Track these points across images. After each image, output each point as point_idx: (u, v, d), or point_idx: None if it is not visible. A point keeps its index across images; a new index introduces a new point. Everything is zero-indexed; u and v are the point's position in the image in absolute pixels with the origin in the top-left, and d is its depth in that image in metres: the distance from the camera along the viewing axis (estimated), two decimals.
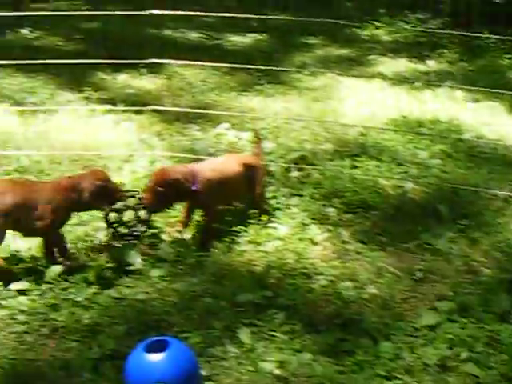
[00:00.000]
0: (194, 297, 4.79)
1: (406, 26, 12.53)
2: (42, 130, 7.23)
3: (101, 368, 4.17)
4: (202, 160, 5.89)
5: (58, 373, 4.16)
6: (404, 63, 10.57)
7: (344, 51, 11.12)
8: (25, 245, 5.26)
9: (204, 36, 11.60)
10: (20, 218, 4.88)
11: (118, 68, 9.09)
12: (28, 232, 5.06)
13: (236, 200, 5.81)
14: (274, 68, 8.64)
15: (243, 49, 10.97)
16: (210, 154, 6.62)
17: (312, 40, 11.67)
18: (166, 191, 5.24)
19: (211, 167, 5.52)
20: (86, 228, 5.56)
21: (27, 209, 4.88)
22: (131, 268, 5.08)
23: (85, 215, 5.56)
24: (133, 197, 5.39)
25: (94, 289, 4.85)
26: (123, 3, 12.45)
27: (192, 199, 5.42)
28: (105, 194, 5.11)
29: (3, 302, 4.75)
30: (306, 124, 7.58)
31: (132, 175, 6.29)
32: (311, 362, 4.24)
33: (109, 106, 7.75)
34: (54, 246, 5.14)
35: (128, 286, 4.92)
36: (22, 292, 4.83)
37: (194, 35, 11.61)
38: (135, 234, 5.42)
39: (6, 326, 4.57)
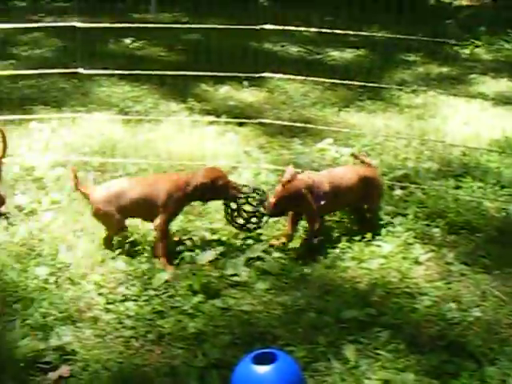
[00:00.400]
0: (298, 311, 4.82)
1: (508, 46, 12.35)
2: (147, 139, 7.37)
3: (207, 377, 4.23)
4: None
5: (164, 379, 4.24)
6: (505, 83, 10.39)
7: (444, 69, 10.99)
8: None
9: (304, 50, 11.64)
10: (140, 210, 5.42)
11: (220, 80, 9.19)
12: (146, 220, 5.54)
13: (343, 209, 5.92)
14: (374, 85, 8.61)
15: (343, 64, 10.95)
16: (314, 169, 6.63)
17: (411, 57, 11.58)
18: (292, 201, 5.36)
19: (330, 179, 5.57)
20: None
21: (147, 202, 5.36)
22: (237, 279, 5.14)
23: None
24: (256, 193, 5.57)
25: (199, 297, 4.92)
26: (223, 16, 12.65)
27: (305, 210, 5.48)
28: (217, 190, 5.41)
29: (111, 307, 4.86)
30: (408, 142, 7.53)
31: None
32: (415, 383, 4.21)
33: (212, 118, 7.84)
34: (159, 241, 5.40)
35: (233, 297, 4.97)
36: (129, 297, 4.94)
37: (294, 49, 11.66)
38: (249, 226, 5.59)
39: (113, 330, 4.67)
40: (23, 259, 5.40)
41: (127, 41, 11.93)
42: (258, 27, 6.22)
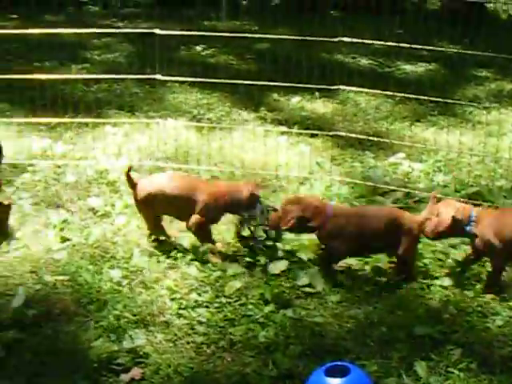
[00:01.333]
0: (370, 324, 4.81)
1: None
2: (219, 146, 7.42)
3: None
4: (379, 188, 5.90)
5: None
6: None
7: None
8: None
9: (375, 63, 11.60)
10: (180, 209, 5.60)
11: (291, 90, 9.21)
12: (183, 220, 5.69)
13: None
14: (447, 100, 8.54)
15: (414, 78, 10.89)
16: (386, 183, 6.62)
17: (483, 73, 11.47)
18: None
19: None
20: None
21: (186, 202, 5.52)
22: (309, 290, 5.15)
23: None
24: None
25: (270, 307, 4.94)
26: (290, 26, 12.69)
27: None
28: (249, 205, 5.58)
29: (183, 312, 4.91)
30: (481, 159, 7.45)
31: None
32: None
33: (284, 128, 7.87)
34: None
35: (305, 308, 4.98)
36: (201, 304, 4.98)
37: (365, 61, 11.62)
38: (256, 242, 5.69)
39: (185, 335, 4.72)
40: (97, 261, 5.50)
41: (198, 48, 12.02)
42: (336, 39, 6.21)
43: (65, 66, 10.60)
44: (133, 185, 5.68)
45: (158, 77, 6.70)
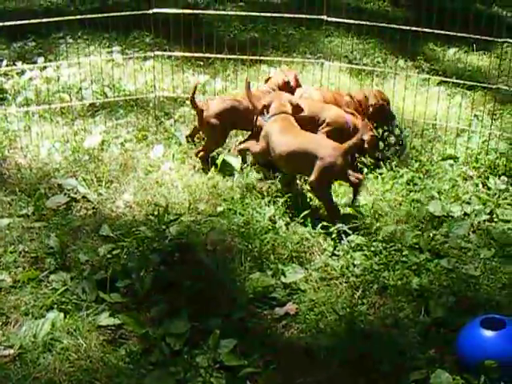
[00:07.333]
0: None
1: None
2: None
3: (430, 334, 4.31)
4: None
5: (390, 330, 4.35)
6: None
7: None
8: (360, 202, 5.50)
9: None
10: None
11: (448, 41, 9.04)
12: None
13: None
14: None
15: None
16: None
17: None
18: None
19: None
20: None
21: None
22: (462, 244, 5.15)
23: None
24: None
25: (426, 255, 4.97)
26: None
27: None
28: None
29: (339, 253, 4.99)
30: None
31: (465, 150, 6.33)
32: None
33: (441, 78, 7.77)
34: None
35: (458, 259, 4.99)
36: (355, 248, 5.04)
37: None
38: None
39: (340, 276, 4.80)
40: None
41: None
42: None
43: (220, 5, 10.70)
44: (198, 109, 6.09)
45: (325, 18, 6.68)
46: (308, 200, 5.61)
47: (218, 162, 6.03)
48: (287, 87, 6.27)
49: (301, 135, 5.50)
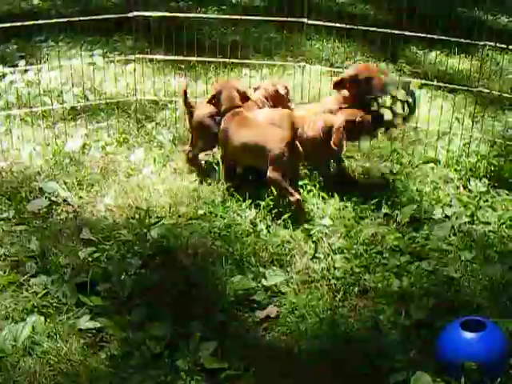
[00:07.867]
0: (505, 284, 4.79)
1: None
2: None
3: (411, 336, 4.32)
4: None
5: (370, 331, 4.37)
6: None
7: None
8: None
9: None
10: None
11: (428, 44, 9.05)
12: None
13: None
14: None
15: None
16: None
17: None
18: None
19: None
20: None
21: None
22: (443, 246, 5.17)
23: None
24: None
25: (406, 257, 4.99)
26: None
27: None
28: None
29: (319, 256, 5.00)
30: None
31: (446, 153, 6.36)
32: None
33: (423, 81, 7.77)
34: None
35: (439, 261, 5.00)
36: (336, 250, 5.06)
37: (505, 19, 11.29)
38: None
39: (320, 278, 4.81)
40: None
41: None
42: None
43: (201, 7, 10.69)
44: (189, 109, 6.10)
45: (305, 21, 6.69)
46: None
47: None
48: (279, 97, 6.23)
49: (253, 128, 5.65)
